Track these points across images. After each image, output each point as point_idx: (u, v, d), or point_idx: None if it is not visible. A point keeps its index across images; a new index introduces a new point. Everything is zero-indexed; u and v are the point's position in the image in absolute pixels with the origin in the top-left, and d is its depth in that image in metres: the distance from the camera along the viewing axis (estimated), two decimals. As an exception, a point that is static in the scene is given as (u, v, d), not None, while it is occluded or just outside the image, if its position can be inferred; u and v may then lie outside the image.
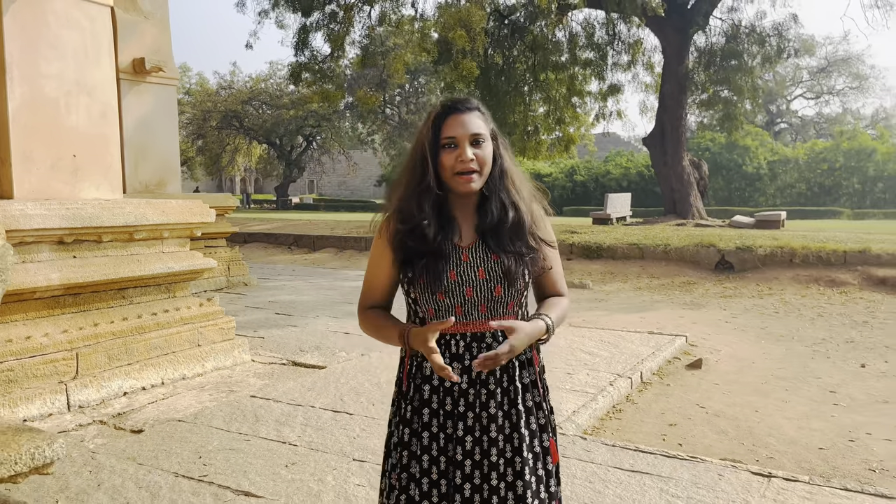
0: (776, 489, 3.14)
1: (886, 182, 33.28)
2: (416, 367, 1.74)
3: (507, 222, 1.71)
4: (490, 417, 1.67)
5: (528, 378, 1.74)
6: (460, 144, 1.67)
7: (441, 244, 1.69)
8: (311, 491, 3.11)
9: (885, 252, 9.20)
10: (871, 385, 5.05)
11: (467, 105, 1.72)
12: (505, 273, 1.68)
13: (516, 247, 1.70)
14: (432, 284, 1.66)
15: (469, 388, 1.69)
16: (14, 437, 1.29)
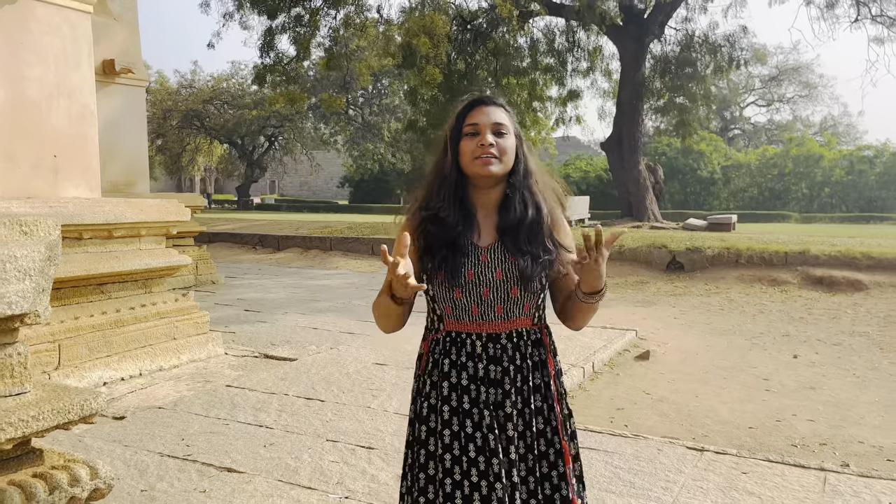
0: (707, 460, 3.53)
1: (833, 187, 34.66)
2: (434, 365, 1.74)
3: (525, 222, 1.71)
4: (506, 416, 1.68)
5: (539, 380, 1.74)
6: (481, 131, 1.69)
7: (460, 239, 1.70)
8: (288, 467, 3.39)
9: (823, 253, 9.80)
10: (801, 373, 5.51)
11: (493, 100, 1.76)
12: (521, 274, 1.69)
13: (533, 248, 1.70)
14: (450, 279, 1.68)
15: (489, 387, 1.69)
16: (65, 392, 1.56)
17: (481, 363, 1.70)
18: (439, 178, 1.75)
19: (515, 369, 1.71)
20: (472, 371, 1.70)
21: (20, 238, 1.44)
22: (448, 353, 1.72)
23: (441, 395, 1.70)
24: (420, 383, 1.78)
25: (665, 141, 34.20)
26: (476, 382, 1.69)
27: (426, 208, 1.75)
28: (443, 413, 1.69)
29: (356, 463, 3.44)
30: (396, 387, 4.72)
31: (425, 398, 1.73)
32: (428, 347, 1.77)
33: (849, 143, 43.30)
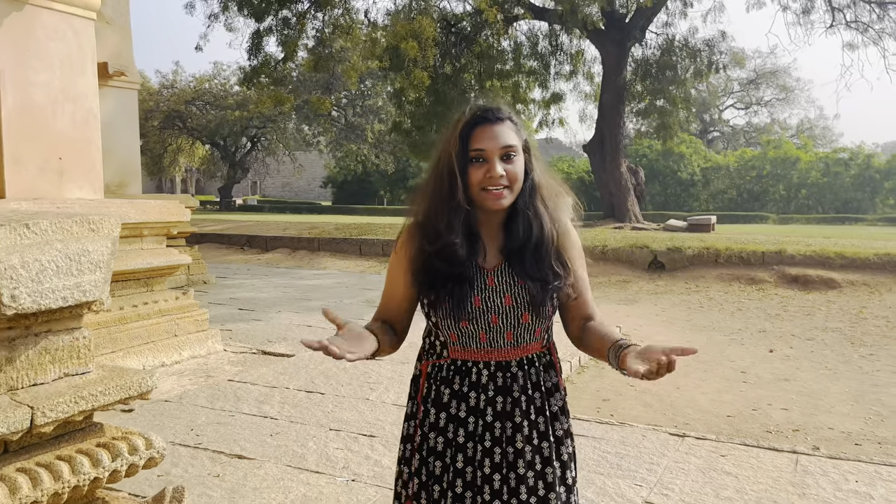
0: (688, 445, 3.78)
1: (809, 189, 35.35)
2: (434, 392, 1.61)
3: (531, 243, 1.58)
4: (517, 452, 1.55)
5: (556, 405, 1.62)
6: (489, 159, 1.52)
7: (466, 270, 1.56)
8: (296, 453, 3.58)
9: (798, 253, 10.14)
10: (776, 366, 5.79)
11: (498, 115, 1.56)
12: (531, 300, 1.56)
13: (541, 272, 1.57)
14: (455, 311, 1.54)
15: (494, 420, 1.56)
16: (123, 372, 1.74)
17: (485, 394, 1.56)
18: (446, 207, 1.55)
19: (528, 399, 1.57)
20: (474, 402, 1.56)
21: (89, 234, 1.63)
22: (450, 383, 1.58)
23: (437, 426, 1.58)
24: (414, 407, 1.64)
25: (646, 143, 34.65)
26: (476, 415, 1.56)
27: (429, 239, 1.56)
28: (437, 444, 1.57)
29: (359, 449, 3.64)
30: (393, 380, 4.93)
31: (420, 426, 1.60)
32: (426, 370, 1.63)
33: (825, 146, 44.15)
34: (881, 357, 6.10)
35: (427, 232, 1.57)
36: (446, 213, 1.55)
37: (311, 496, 3.08)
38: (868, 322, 7.54)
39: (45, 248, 1.50)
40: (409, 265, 1.59)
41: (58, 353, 1.63)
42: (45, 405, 1.53)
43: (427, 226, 1.57)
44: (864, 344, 6.59)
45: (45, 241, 1.53)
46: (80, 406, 1.59)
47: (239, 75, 39.39)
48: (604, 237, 12.75)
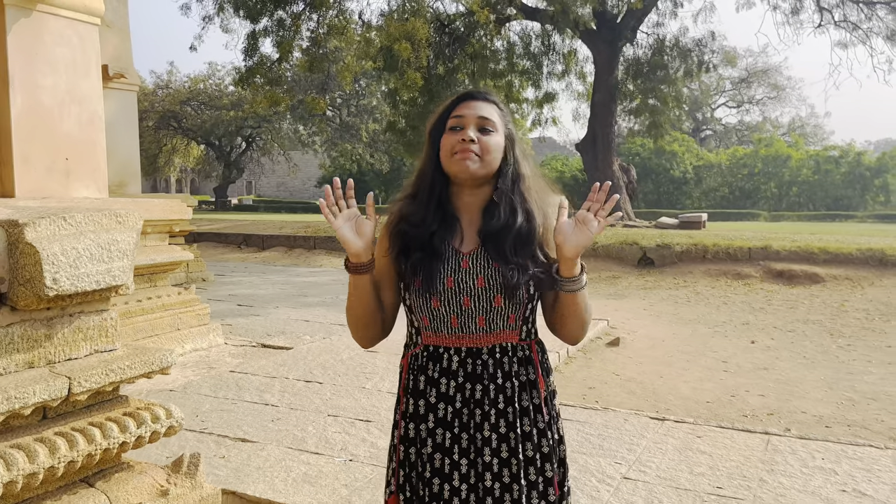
0: (667, 427, 4.00)
1: (800, 186, 35.67)
2: (412, 382, 1.62)
3: (512, 229, 1.56)
4: (484, 440, 1.54)
5: (527, 402, 1.58)
6: (465, 126, 1.55)
7: (439, 244, 1.57)
8: (296, 437, 3.79)
9: (784, 249, 10.39)
10: (757, 356, 6.03)
11: (484, 95, 1.62)
12: (505, 281, 1.53)
13: (521, 259, 1.55)
14: (427, 285, 1.54)
15: (462, 407, 1.55)
16: (145, 350, 1.94)
17: (454, 381, 1.55)
18: (418, 173, 1.63)
19: (497, 388, 1.55)
20: (445, 389, 1.56)
21: (117, 226, 1.83)
22: (424, 370, 1.59)
23: (416, 414, 1.59)
24: (397, 401, 1.67)
25: (639, 142, 34.93)
26: (445, 402, 1.56)
27: (404, 207, 1.62)
28: (412, 431, 1.59)
29: (356, 433, 3.86)
30: (388, 371, 5.14)
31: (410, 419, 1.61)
32: (407, 363, 1.65)
33: (816, 144, 44.50)
34: (858, 347, 6.34)
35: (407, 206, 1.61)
36: (417, 180, 1.62)
37: (311, 474, 3.29)
38: (848, 314, 7.78)
39: (80, 238, 1.71)
40: (388, 229, 1.61)
41: (89, 331, 1.83)
42: (80, 376, 1.73)
43: (407, 196, 1.63)
44: (843, 335, 6.84)
45: (80, 232, 1.73)
46: (110, 378, 1.79)
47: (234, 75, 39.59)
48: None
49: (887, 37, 20.52)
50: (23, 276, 1.62)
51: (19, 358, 1.68)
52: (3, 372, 1.64)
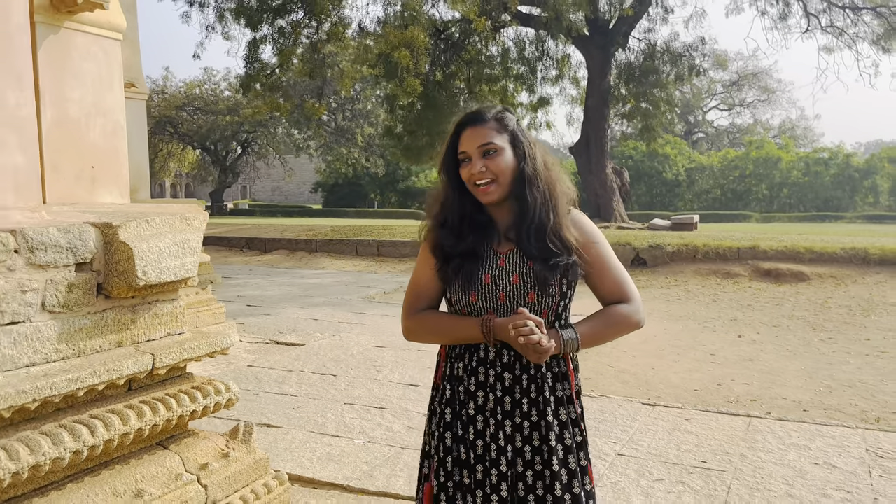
0: (658, 412, 4.35)
1: (791, 188, 36.17)
2: (450, 370, 1.75)
3: (532, 225, 1.69)
4: (515, 427, 1.66)
5: (561, 392, 1.69)
6: (472, 158, 1.69)
7: (476, 246, 1.71)
8: (317, 422, 4.12)
9: (771, 249, 10.77)
10: (743, 349, 6.38)
11: (481, 118, 1.72)
12: (536, 277, 1.66)
13: (543, 252, 1.67)
14: (466, 284, 1.68)
15: (504, 395, 1.67)
16: (208, 333, 2.27)
17: (493, 370, 1.68)
18: (446, 201, 1.77)
19: (529, 379, 1.67)
20: (483, 377, 1.68)
21: (187, 228, 2.16)
22: (462, 357, 1.72)
23: (454, 399, 1.72)
24: (435, 391, 1.79)
25: (632, 145, 35.38)
26: (485, 389, 1.68)
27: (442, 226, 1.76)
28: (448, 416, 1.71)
29: (372, 419, 4.19)
30: (396, 364, 5.47)
31: (447, 404, 1.74)
32: (444, 353, 1.78)
33: (806, 146, 45.08)
34: (838, 340, 6.70)
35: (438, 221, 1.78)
36: (445, 206, 1.76)
37: (334, 454, 3.62)
38: (832, 310, 8.15)
39: (161, 238, 2.03)
40: (432, 251, 1.77)
41: (163, 316, 2.16)
42: (161, 353, 2.06)
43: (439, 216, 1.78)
44: (825, 329, 7.20)
45: (160, 233, 2.06)
46: (183, 356, 2.12)
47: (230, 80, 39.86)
48: (589, 236, 13.32)
49: (873, 41, 20.98)
50: (117, 269, 1.95)
51: (111, 338, 2.00)
52: (99, 349, 1.97)
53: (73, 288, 1.89)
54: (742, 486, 3.23)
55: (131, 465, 2.05)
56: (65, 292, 1.87)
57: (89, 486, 1.92)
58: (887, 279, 9.54)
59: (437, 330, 1.74)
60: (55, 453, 1.75)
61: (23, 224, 1.88)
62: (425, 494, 1.75)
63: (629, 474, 3.38)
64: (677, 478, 3.34)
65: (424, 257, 1.79)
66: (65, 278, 1.87)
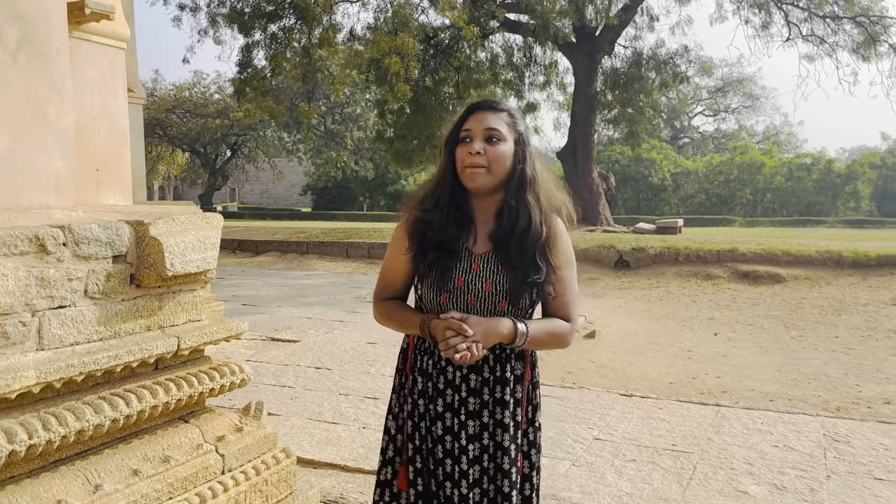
0: (634, 402, 4.65)
1: (774, 193, 36.75)
2: (418, 362, 1.78)
3: (515, 233, 1.67)
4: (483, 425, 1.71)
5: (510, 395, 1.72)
6: (473, 138, 1.65)
7: (454, 243, 1.68)
8: (315, 411, 4.38)
9: (749, 251, 11.13)
10: (718, 346, 6.70)
11: (496, 105, 1.70)
12: (510, 290, 1.65)
13: (523, 264, 1.66)
14: (439, 283, 1.66)
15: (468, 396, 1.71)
16: (224, 320, 2.53)
17: (460, 371, 1.71)
18: (436, 181, 1.74)
19: (495, 380, 1.71)
20: (451, 377, 1.71)
21: (206, 225, 2.42)
22: (431, 354, 1.74)
23: (425, 393, 1.74)
24: (403, 378, 1.81)
25: (618, 149, 35.80)
26: (452, 389, 1.71)
27: (421, 210, 1.73)
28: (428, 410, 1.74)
29: (366, 408, 4.46)
30: (388, 359, 5.74)
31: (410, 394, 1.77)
32: (413, 343, 1.80)
33: (790, 151, 45.74)
34: (809, 338, 7.04)
35: (421, 203, 1.76)
36: (435, 187, 1.74)
37: (332, 438, 3.89)
38: (805, 310, 8.50)
39: (185, 234, 2.30)
40: (407, 233, 1.75)
41: (185, 304, 2.42)
42: (185, 337, 2.32)
43: (422, 199, 1.76)
44: (797, 328, 7.54)
45: (184, 230, 2.32)
46: (204, 339, 2.39)
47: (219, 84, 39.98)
48: (574, 239, 13.64)
49: (853, 50, 21.48)
50: (147, 262, 2.21)
51: (142, 322, 2.27)
52: (132, 332, 2.23)
53: (111, 277, 2.16)
54: (707, 466, 3.53)
55: (158, 435, 2.32)
56: (104, 281, 2.14)
57: (123, 452, 2.19)
58: (859, 281, 9.92)
59: (396, 321, 1.79)
60: (97, 420, 2.02)
61: (62, 221, 2.15)
62: (400, 477, 1.79)
63: (604, 456, 3.67)
64: (648, 458, 3.63)
65: (397, 240, 1.77)
66: (104, 269, 2.14)
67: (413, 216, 1.75)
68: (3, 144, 2.15)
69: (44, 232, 1.97)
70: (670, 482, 3.32)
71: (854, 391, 5.13)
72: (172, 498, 2.22)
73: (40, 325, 1.96)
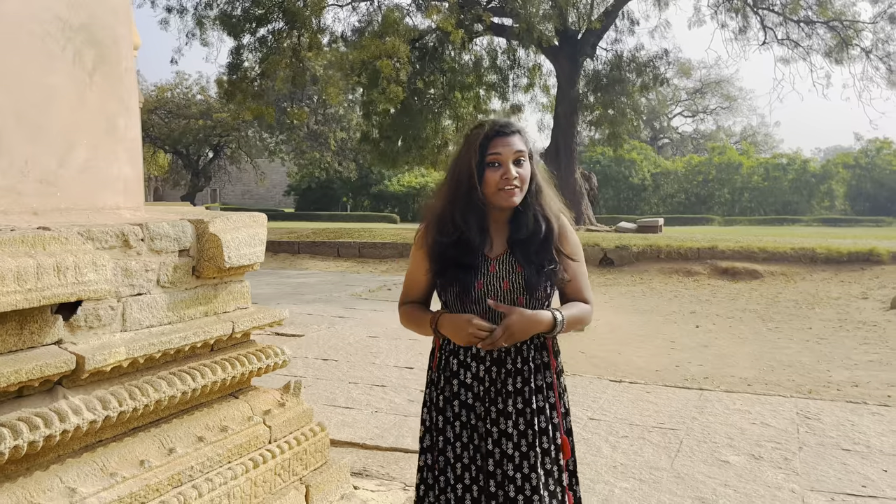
0: (623, 387, 5.01)
1: (751, 192, 37.53)
2: (444, 362, 1.93)
3: (539, 235, 1.84)
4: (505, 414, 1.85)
5: (541, 381, 1.88)
6: (504, 163, 1.80)
7: (472, 259, 1.84)
8: (328, 397, 4.70)
9: (728, 249, 11.60)
10: (699, 338, 7.11)
11: (511, 128, 1.86)
12: (527, 284, 1.82)
13: (540, 258, 1.83)
14: (462, 295, 1.84)
15: (490, 386, 1.86)
16: (268, 308, 2.86)
17: (483, 364, 1.86)
18: (462, 204, 1.85)
19: (516, 371, 1.85)
20: (475, 370, 1.88)
21: (254, 224, 2.73)
22: (456, 353, 1.90)
23: (452, 390, 1.91)
24: (433, 376, 1.97)
25: (599, 150, 36.33)
26: (478, 380, 1.88)
27: (442, 232, 1.87)
28: (453, 406, 1.90)
29: (375, 394, 4.78)
30: (391, 351, 6.06)
31: (440, 391, 1.93)
32: (439, 343, 1.94)
33: (767, 152, 46.65)
34: (784, 329, 7.47)
35: (442, 227, 1.88)
36: (461, 210, 1.85)
37: (347, 421, 4.21)
38: (781, 304, 8.95)
39: (239, 231, 2.61)
40: (428, 254, 1.91)
41: (235, 293, 2.73)
42: (237, 321, 2.63)
43: (443, 222, 1.88)
44: (773, 320, 7.98)
45: (236, 227, 2.63)
46: (252, 323, 2.70)
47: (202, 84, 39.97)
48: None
49: (826, 53, 22.11)
50: (207, 255, 2.52)
51: (201, 309, 2.58)
52: (193, 317, 2.54)
53: (177, 269, 2.47)
54: (692, 440, 3.90)
55: (215, 408, 2.63)
56: (172, 272, 2.45)
57: (188, 422, 2.50)
58: (832, 276, 10.41)
59: (413, 322, 1.97)
60: (171, 392, 2.33)
61: (131, 220, 2.45)
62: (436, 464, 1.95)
63: (599, 433, 4.03)
64: (639, 435, 4.00)
65: (418, 261, 1.95)
66: (172, 261, 2.45)
67: (433, 240, 1.90)
68: (83, 155, 2.45)
69: (127, 229, 2.28)
70: (659, 454, 3.69)
71: (825, 376, 5.54)
72: (231, 461, 2.53)
73: (124, 309, 2.27)
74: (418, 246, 1.94)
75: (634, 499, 3.15)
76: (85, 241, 2.09)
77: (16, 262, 1.81)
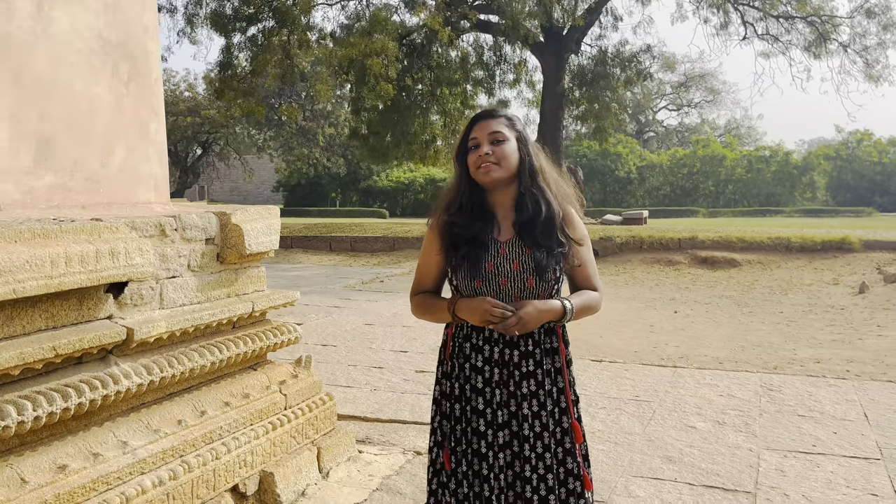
0: (603, 366, 5.40)
1: (735, 184, 38.10)
2: (458, 348, 1.97)
3: (540, 216, 1.89)
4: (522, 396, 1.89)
5: (550, 365, 1.92)
6: (480, 143, 1.89)
7: (481, 235, 1.90)
8: (329, 378, 5.05)
9: (708, 239, 12.03)
10: (677, 322, 7.51)
11: (493, 113, 1.94)
12: (536, 266, 1.86)
13: (547, 242, 1.87)
14: (471, 271, 1.88)
15: (503, 368, 1.90)
16: (281, 291, 3.21)
17: (497, 347, 1.90)
18: (456, 188, 1.98)
19: (528, 354, 1.89)
20: (488, 354, 1.91)
21: (269, 215, 3.08)
22: (469, 338, 1.94)
23: (464, 375, 1.94)
24: (446, 367, 1.99)
25: (585, 144, 36.79)
26: (490, 364, 1.91)
27: (448, 213, 1.97)
28: (465, 391, 1.95)
29: (374, 375, 5.14)
30: (386, 337, 6.42)
31: (455, 379, 1.96)
32: (452, 333, 1.99)
33: (750, 144, 47.28)
34: (757, 314, 7.89)
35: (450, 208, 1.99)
36: (456, 193, 1.98)
37: (349, 398, 4.57)
38: (756, 291, 9.38)
39: (257, 222, 2.96)
40: (440, 233, 1.98)
41: (253, 277, 3.08)
42: (256, 301, 2.98)
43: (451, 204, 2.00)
44: (748, 306, 8.40)
45: (254, 218, 2.98)
46: (269, 304, 3.05)
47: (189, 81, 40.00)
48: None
49: (805, 48, 22.61)
50: (230, 243, 2.87)
51: (225, 290, 2.92)
52: (218, 298, 2.89)
53: (205, 255, 2.82)
54: (664, 410, 4.29)
55: (237, 378, 2.98)
56: (200, 258, 2.79)
57: (215, 390, 2.85)
58: (805, 264, 10.86)
59: (427, 310, 2.01)
60: (202, 362, 2.68)
61: (162, 213, 2.80)
62: (445, 456, 1.98)
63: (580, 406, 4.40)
64: (616, 406, 4.38)
65: (430, 242, 2.01)
66: (200, 248, 2.80)
67: (441, 220, 2.00)
68: (121, 156, 2.79)
69: (163, 220, 2.62)
70: (634, 422, 4.08)
71: (791, 354, 5.96)
72: (254, 423, 2.89)
73: (161, 289, 2.62)
74: (431, 228, 2.02)
75: (610, 458, 3.53)
76: (130, 230, 2.43)
77: (79, 248, 2.16)
